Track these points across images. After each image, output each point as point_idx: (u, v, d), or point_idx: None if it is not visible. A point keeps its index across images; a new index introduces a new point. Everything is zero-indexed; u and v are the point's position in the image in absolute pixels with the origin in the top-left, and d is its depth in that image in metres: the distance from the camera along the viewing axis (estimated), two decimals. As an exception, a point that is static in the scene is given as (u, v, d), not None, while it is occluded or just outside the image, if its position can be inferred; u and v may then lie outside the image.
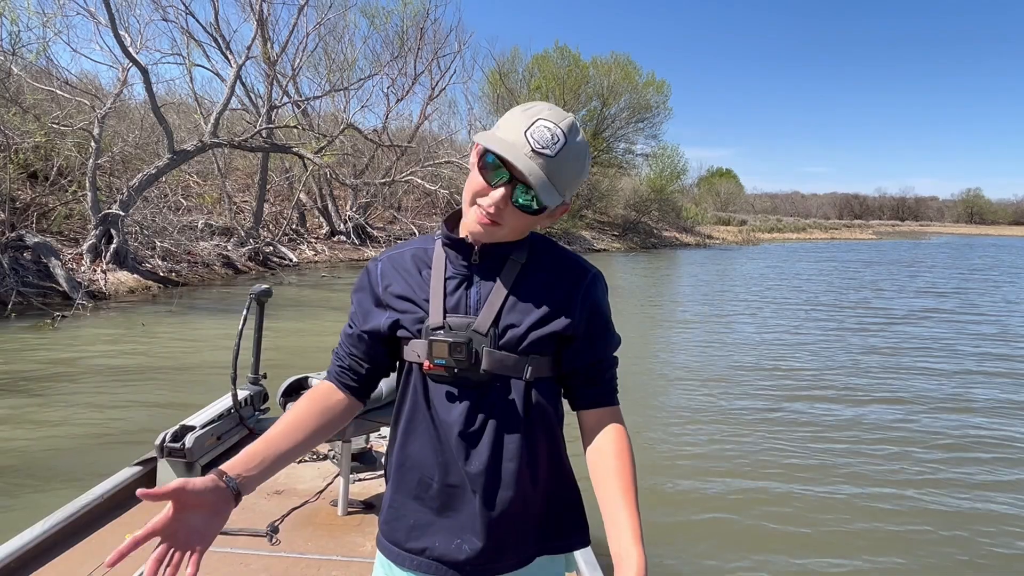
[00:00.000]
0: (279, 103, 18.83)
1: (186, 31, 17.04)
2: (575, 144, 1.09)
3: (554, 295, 1.17)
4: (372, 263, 1.25)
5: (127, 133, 16.71)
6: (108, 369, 7.19)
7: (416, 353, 1.16)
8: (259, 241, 18.22)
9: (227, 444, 3.28)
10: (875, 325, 11.77)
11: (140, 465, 2.95)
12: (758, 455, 5.29)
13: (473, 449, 1.14)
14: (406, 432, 1.20)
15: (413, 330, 1.16)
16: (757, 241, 46.56)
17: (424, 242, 1.24)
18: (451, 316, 1.14)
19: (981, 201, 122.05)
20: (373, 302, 1.21)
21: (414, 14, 22.90)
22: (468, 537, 1.15)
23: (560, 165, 1.07)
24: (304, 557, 2.44)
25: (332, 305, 12.45)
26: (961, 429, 6.07)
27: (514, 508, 1.15)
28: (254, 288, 3.44)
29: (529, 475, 1.16)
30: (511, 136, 1.07)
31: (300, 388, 3.05)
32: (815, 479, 4.86)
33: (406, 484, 1.19)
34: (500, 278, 1.16)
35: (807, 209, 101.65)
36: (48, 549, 2.36)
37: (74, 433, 5.23)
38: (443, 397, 1.15)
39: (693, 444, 5.52)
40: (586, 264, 1.24)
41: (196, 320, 10.36)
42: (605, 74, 35.41)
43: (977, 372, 8.34)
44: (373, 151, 22.79)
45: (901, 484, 4.81)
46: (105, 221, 12.89)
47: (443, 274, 1.17)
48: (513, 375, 1.14)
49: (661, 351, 9.37)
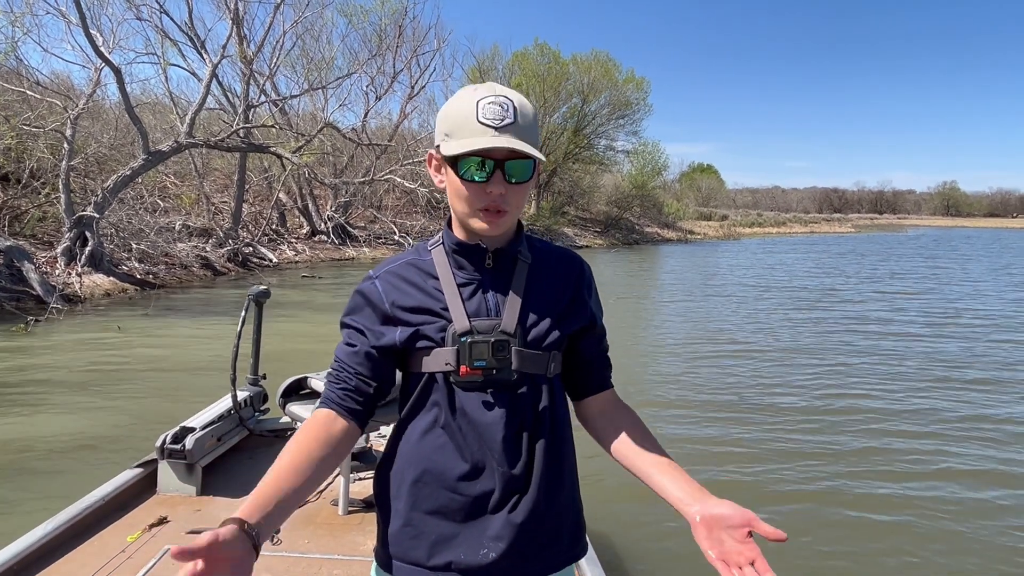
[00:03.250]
0: (256, 102, 18.69)
1: (160, 30, 16.86)
2: (519, 98, 1.09)
3: (567, 290, 1.21)
4: (366, 283, 1.19)
5: (101, 134, 16.49)
6: (83, 374, 7.10)
7: (444, 362, 1.13)
8: (238, 242, 18.07)
9: (227, 445, 3.28)
10: (838, 307, 11.96)
11: (141, 467, 2.95)
12: (736, 441, 5.36)
13: (513, 451, 1.14)
14: (422, 445, 1.15)
15: (437, 339, 1.13)
16: (738, 236, 46.94)
17: (416, 253, 1.21)
18: (475, 320, 1.13)
19: (957, 194, 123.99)
20: (380, 320, 1.16)
21: (392, 12, 22.84)
22: (495, 544, 1.12)
23: (524, 121, 1.08)
24: (305, 556, 2.45)
25: (312, 306, 12.39)
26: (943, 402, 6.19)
27: (543, 509, 1.15)
28: (252, 289, 3.40)
29: (556, 473, 1.18)
30: (467, 130, 1.06)
31: (299, 388, 3.07)
32: (797, 468, 4.93)
33: (425, 499, 1.14)
34: (514, 278, 1.17)
35: (787, 203, 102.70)
36: (51, 551, 2.36)
37: (47, 436, 5.17)
38: (476, 403, 1.13)
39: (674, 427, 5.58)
40: (575, 254, 1.29)
41: (174, 322, 10.27)
42: (585, 71, 35.48)
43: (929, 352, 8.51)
44: (353, 150, 22.68)
45: (888, 473, 4.90)
46: (79, 223, 12.72)
47: (453, 281, 1.15)
48: (538, 372, 1.16)
49: (645, 341, 9.44)
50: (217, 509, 2.81)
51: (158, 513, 2.70)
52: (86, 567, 2.30)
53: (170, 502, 2.84)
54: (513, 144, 1.04)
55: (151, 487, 2.93)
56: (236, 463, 3.28)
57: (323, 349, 8.22)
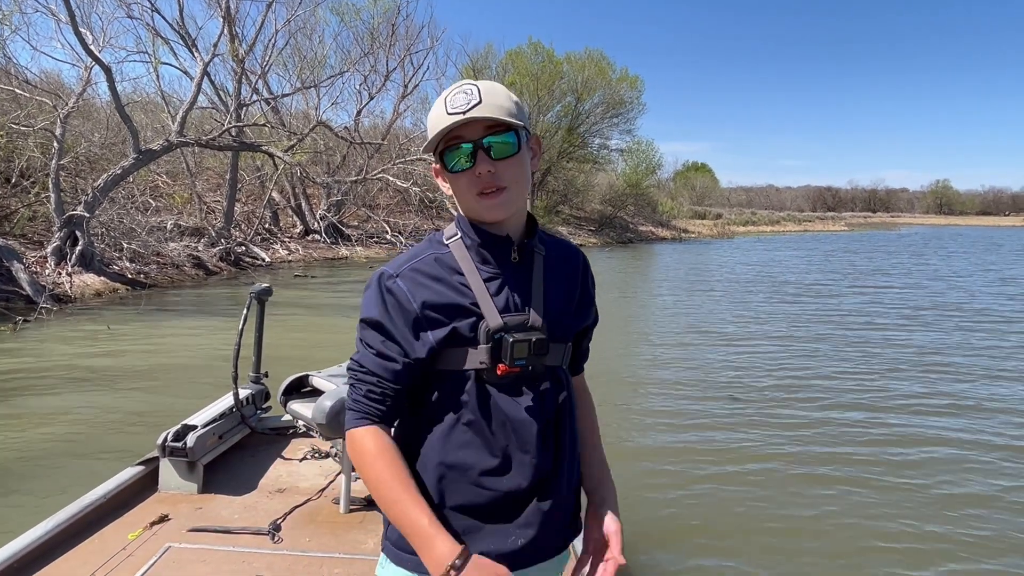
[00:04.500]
0: (248, 101, 18.61)
1: (151, 28, 16.74)
2: (486, 83, 1.11)
3: (575, 282, 1.25)
4: (388, 282, 1.12)
5: (92, 133, 16.40)
6: (72, 374, 7.06)
7: (478, 360, 1.11)
8: (230, 241, 18.00)
9: (229, 443, 3.27)
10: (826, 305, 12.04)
11: (142, 465, 2.95)
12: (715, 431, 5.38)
13: (544, 443, 1.16)
14: (447, 443, 1.13)
15: (469, 337, 1.11)
16: (732, 234, 47.04)
17: (432, 247, 1.17)
18: (505, 316, 1.12)
19: (950, 192, 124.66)
20: (410, 324, 1.10)
21: (385, 10, 22.79)
22: (524, 532, 1.15)
23: (490, 99, 1.08)
24: (306, 555, 2.45)
25: (305, 304, 12.34)
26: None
27: (565, 494, 1.20)
28: (254, 287, 3.40)
29: (574, 459, 1.24)
30: (439, 123, 1.09)
31: (301, 386, 3.07)
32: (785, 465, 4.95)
33: (451, 495, 1.13)
34: (533, 272, 1.18)
35: (781, 202, 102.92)
36: (52, 549, 2.36)
37: (36, 439, 5.14)
38: (509, 399, 1.13)
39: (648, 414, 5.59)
40: (574, 246, 1.33)
41: (165, 322, 10.22)
42: (579, 70, 35.45)
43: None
44: (346, 149, 22.62)
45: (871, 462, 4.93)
46: (70, 223, 12.64)
47: (479, 276, 1.13)
48: (559, 364, 1.19)
49: (637, 340, 9.44)
50: (218, 507, 2.80)
51: (159, 511, 2.69)
52: (87, 565, 2.29)
53: (171, 500, 2.84)
54: (480, 114, 1.06)
55: (152, 485, 2.93)
56: (238, 461, 3.28)
57: (316, 348, 8.20)
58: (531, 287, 1.16)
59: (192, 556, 2.39)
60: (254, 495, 2.94)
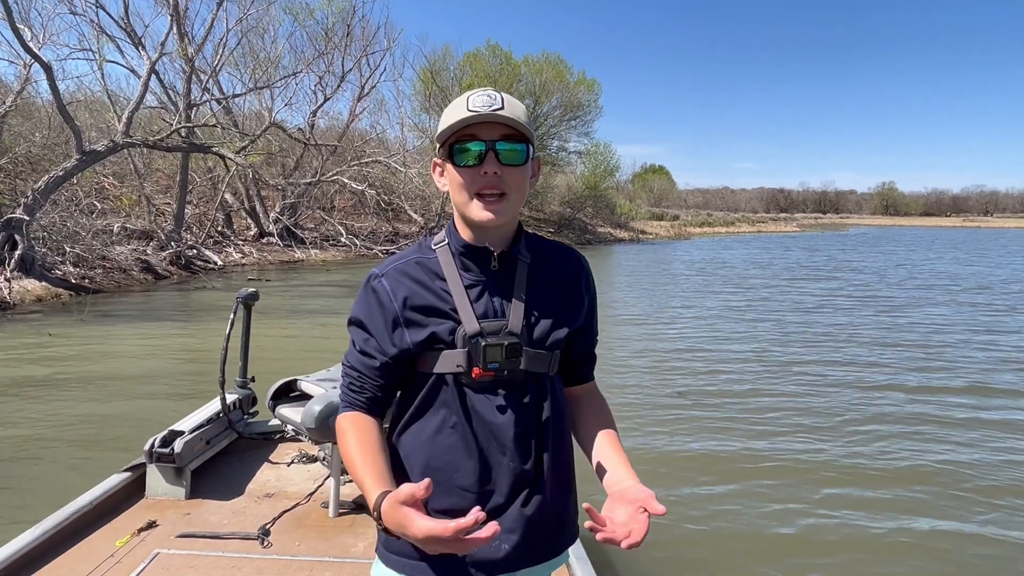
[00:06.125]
0: (199, 101, 18.19)
1: (96, 25, 16.24)
2: (509, 96, 1.14)
3: (565, 289, 1.25)
4: (374, 281, 1.19)
5: (32, 133, 15.81)
6: (11, 383, 6.79)
7: (455, 363, 1.15)
8: (181, 244, 17.55)
9: (216, 448, 3.24)
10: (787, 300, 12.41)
11: (129, 471, 2.91)
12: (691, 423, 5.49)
13: (524, 448, 1.17)
14: (432, 446, 1.17)
15: (447, 340, 1.15)
16: (688, 235, 47.92)
17: (419, 252, 1.22)
18: (483, 322, 1.15)
19: (895, 194, 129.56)
20: (389, 323, 1.16)
21: (339, 11, 22.54)
22: (508, 537, 1.16)
23: (511, 108, 1.11)
24: (296, 559, 2.45)
25: (257, 308, 12.09)
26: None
27: (549, 501, 1.21)
28: (240, 291, 3.42)
29: (560, 465, 1.24)
30: (457, 115, 1.10)
31: (289, 391, 3.08)
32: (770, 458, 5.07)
33: (436, 499, 1.15)
34: (516, 280, 1.20)
35: (736, 203, 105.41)
36: (38, 557, 2.33)
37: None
38: (487, 402, 1.16)
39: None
40: (573, 250, 1.32)
41: (111, 329, 9.89)
42: (537, 73, 35.65)
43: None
44: (302, 151, 22.29)
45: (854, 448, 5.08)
46: (8, 226, 12.17)
47: (460, 282, 1.17)
48: (542, 370, 1.20)
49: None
50: (206, 512, 2.79)
51: (147, 517, 2.67)
52: (75, 572, 2.27)
53: (159, 506, 2.82)
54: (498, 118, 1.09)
55: (139, 491, 2.90)
56: (225, 466, 3.25)
57: (266, 352, 8.05)
58: (512, 294, 1.18)
59: (181, 562, 2.39)
60: (242, 500, 2.93)
